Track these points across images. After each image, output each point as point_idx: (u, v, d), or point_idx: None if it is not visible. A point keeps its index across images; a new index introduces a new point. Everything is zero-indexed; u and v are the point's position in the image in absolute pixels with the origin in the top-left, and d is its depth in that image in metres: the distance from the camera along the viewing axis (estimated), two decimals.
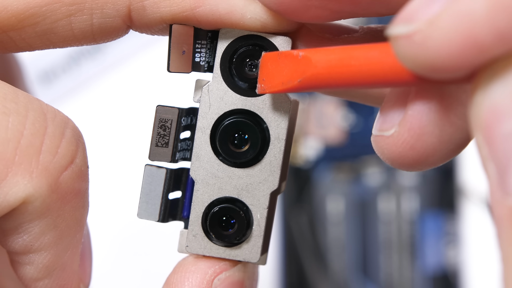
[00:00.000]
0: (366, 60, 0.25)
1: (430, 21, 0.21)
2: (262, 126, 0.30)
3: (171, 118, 0.30)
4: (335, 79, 0.26)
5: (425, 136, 0.27)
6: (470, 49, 0.21)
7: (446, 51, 0.21)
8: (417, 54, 0.22)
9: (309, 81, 0.26)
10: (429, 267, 0.77)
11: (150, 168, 0.31)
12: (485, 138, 0.21)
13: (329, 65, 0.26)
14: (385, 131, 0.28)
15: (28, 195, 0.28)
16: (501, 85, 0.21)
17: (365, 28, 0.31)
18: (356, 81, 0.25)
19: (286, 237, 0.78)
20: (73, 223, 0.30)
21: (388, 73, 0.25)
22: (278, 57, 0.28)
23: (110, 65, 0.81)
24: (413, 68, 0.22)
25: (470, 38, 0.21)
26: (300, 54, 0.27)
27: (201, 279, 0.30)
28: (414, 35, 0.22)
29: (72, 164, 0.29)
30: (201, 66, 0.31)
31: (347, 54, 0.25)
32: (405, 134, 0.27)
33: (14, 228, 0.29)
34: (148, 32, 0.31)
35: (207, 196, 0.31)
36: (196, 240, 0.31)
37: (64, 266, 0.31)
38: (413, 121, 0.27)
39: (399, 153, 0.27)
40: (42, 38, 0.30)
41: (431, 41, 0.21)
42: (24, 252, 0.30)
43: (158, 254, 0.72)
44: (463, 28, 0.21)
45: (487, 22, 0.20)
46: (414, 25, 0.22)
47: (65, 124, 0.29)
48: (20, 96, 0.29)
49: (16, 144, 0.28)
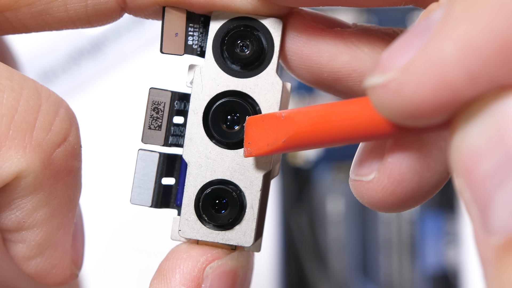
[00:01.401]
0: (346, 115, 0.25)
1: (404, 68, 0.22)
2: (255, 107, 0.30)
3: (164, 100, 0.31)
4: (319, 136, 0.26)
5: (405, 182, 0.27)
6: (444, 93, 0.21)
7: (420, 97, 0.21)
8: (393, 101, 0.22)
9: (293, 140, 0.27)
10: (429, 267, 0.77)
11: (143, 153, 0.31)
12: (466, 181, 0.21)
13: (311, 123, 0.26)
14: (364, 176, 0.28)
15: (21, 170, 0.28)
16: (476, 127, 0.21)
17: (358, 26, 0.31)
18: (339, 137, 0.26)
19: (286, 237, 0.78)
20: (66, 201, 0.31)
21: (369, 126, 0.25)
22: (262, 119, 0.29)
23: (110, 65, 0.81)
24: (390, 116, 0.22)
25: (443, 82, 0.21)
26: (283, 114, 0.27)
27: (192, 267, 0.30)
28: (389, 84, 0.22)
29: (65, 142, 0.30)
30: (194, 49, 0.31)
31: (328, 111, 0.26)
32: (385, 181, 0.27)
33: (6, 204, 0.29)
34: (141, 15, 0.31)
35: (200, 179, 0.30)
36: (189, 224, 0.31)
37: (56, 245, 0.31)
38: (393, 168, 0.27)
39: (379, 198, 0.28)
40: (38, 19, 0.30)
41: (405, 88, 0.21)
42: (16, 229, 0.30)
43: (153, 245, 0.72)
44: (435, 73, 0.21)
45: (458, 65, 0.21)
46: (389, 74, 0.22)
47: (59, 103, 0.30)
48: (15, 74, 0.29)
49: (10, 119, 0.28)
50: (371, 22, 0.76)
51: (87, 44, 0.81)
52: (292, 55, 0.31)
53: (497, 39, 0.20)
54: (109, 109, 0.80)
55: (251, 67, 0.30)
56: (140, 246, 0.77)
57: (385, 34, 0.30)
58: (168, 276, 0.30)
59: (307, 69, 0.30)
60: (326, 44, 0.30)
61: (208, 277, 0.30)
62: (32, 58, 0.78)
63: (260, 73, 0.30)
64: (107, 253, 0.76)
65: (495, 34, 0.20)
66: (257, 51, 0.30)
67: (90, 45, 0.81)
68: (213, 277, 0.30)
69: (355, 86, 0.30)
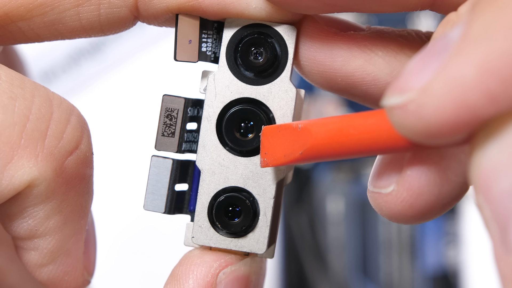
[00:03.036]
0: (364, 128, 0.25)
1: (423, 90, 0.22)
2: (268, 115, 0.30)
3: (177, 107, 0.31)
4: (336, 149, 0.26)
5: (424, 195, 0.27)
6: (464, 114, 0.21)
7: (441, 118, 0.21)
8: (412, 123, 0.22)
9: (310, 152, 0.27)
10: (429, 267, 0.77)
11: (156, 159, 0.31)
12: (486, 198, 0.21)
13: (328, 135, 0.26)
14: (383, 189, 0.28)
15: (33, 179, 0.28)
16: (496, 145, 0.21)
17: (372, 28, 0.31)
18: (357, 150, 0.26)
19: (286, 237, 0.78)
20: (78, 209, 0.31)
21: (387, 141, 0.25)
22: (278, 130, 0.29)
23: (110, 65, 0.81)
24: (410, 136, 0.22)
25: (463, 103, 0.21)
26: (299, 126, 0.27)
27: (206, 272, 0.30)
28: (408, 105, 0.22)
29: (77, 150, 0.30)
30: (208, 56, 0.31)
31: (345, 124, 0.26)
32: (404, 193, 0.27)
33: (19, 212, 0.29)
34: (155, 23, 0.31)
35: (213, 186, 0.30)
36: (202, 231, 0.31)
37: (68, 252, 0.31)
38: (412, 181, 0.27)
39: (398, 211, 0.28)
40: (51, 28, 0.30)
41: (425, 110, 0.22)
42: (29, 237, 0.30)
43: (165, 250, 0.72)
44: (455, 94, 0.21)
45: (477, 86, 0.21)
46: (407, 95, 0.22)
47: (70, 111, 0.30)
48: (27, 82, 0.29)
49: (22, 128, 0.28)
50: (371, 22, 0.77)
51: (87, 44, 0.80)
52: (305, 60, 0.30)
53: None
54: (109, 109, 0.80)
55: (265, 74, 0.30)
56: (149, 251, 0.77)
57: (399, 37, 0.30)
58: (181, 281, 0.30)
59: (321, 74, 0.30)
60: (340, 48, 0.30)
61: (221, 283, 0.30)
62: (32, 58, 0.78)
63: (274, 80, 0.30)
64: (117, 258, 0.76)
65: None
66: (271, 58, 0.30)
67: (90, 45, 0.80)
68: (226, 283, 0.30)
69: (370, 89, 0.30)
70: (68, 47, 0.80)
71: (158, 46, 0.80)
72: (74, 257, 0.31)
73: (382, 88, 0.30)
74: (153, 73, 0.80)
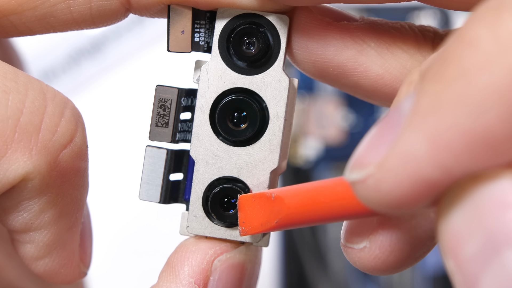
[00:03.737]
0: (334, 196, 0.26)
1: (379, 165, 0.22)
2: (261, 104, 0.30)
3: (170, 98, 0.31)
4: (309, 216, 0.27)
5: (396, 252, 0.28)
6: (420, 187, 0.21)
7: (399, 191, 0.22)
8: (373, 196, 0.22)
9: (285, 220, 0.28)
10: (429, 267, 0.77)
11: (151, 149, 0.31)
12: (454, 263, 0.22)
13: (301, 204, 0.27)
14: (355, 244, 0.29)
15: (27, 172, 0.28)
16: (457, 212, 0.22)
17: (365, 19, 0.31)
18: (328, 216, 0.27)
19: (286, 237, 0.78)
20: (73, 202, 0.31)
21: (356, 208, 0.26)
22: (253, 199, 0.29)
23: (110, 65, 0.81)
24: (373, 208, 0.23)
25: (418, 176, 0.21)
26: (273, 195, 0.28)
27: (201, 259, 0.30)
28: (367, 180, 0.22)
29: (71, 143, 0.30)
30: (201, 46, 0.31)
31: (316, 192, 0.27)
32: (377, 251, 0.28)
33: (14, 206, 0.29)
34: (146, 14, 0.31)
35: (207, 176, 0.31)
36: (197, 221, 0.31)
37: (64, 245, 0.31)
38: (384, 240, 0.28)
39: (372, 266, 0.29)
40: (42, 22, 0.30)
41: (383, 184, 0.22)
42: (24, 230, 0.30)
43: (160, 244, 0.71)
44: (409, 168, 0.21)
45: (430, 160, 0.21)
46: (366, 170, 0.22)
47: (64, 104, 0.30)
48: (20, 75, 0.29)
49: (16, 121, 0.28)
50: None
51: (87, 44, 0.81)
52: (297, 49, 0.30)
53: (465, 134, 0.21)
54: (109, 109, 0.80)
55: (258, 64, 0.30)
56: (145, 244, 0.77)
57: (392, 29, 0.30)
58: (176, 268, 0.30)
59: (313, 63, 0.30)
60: (332, 38, 0.30)
61: (216, 270, 0.30)
62: (32, 58, 0.78)
63: (266, 70, 0.30)
64: (111, 251, 0.76)
65: (462, 130, 0.21)
66: (263, 48, 0.30)
67: (90, 45, 0.81)
68: (222, 270, 0.30)
69: (361, 80, 0.30)
70: (68, 47, 0.80)
71: (158, 46, 0.81)
72: (70, 249, 0.32)
73: (373, 79, 0.30)
74: (153, 73, 0.80)
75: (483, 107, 0.20)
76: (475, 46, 0.21)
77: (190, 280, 0.30)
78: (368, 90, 0.31)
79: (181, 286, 0.30)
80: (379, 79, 0.30)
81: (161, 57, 0.80)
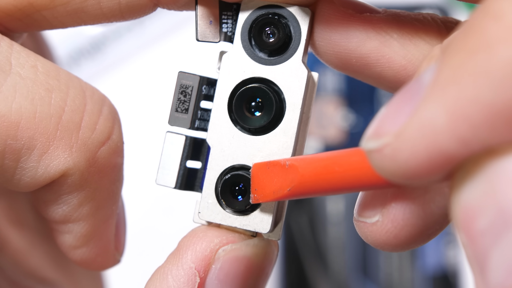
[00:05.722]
0: (349, 166, 0.26)
1: (397, 134, 0.22)
2: (279, 95, 0.31)
3: (191, 84, 0.31)
4: (322, 186, 0.27)
5: (409, 227, 0.28)
6: (437, 158, 0.21)
7: (415, 162, 0.22)
8: (389, 166, 0.22)
9: (298, 189, 0.28)
10: (429, 267, 0.77)
11: (170, 135, 0.32)
12: (466, 236, 0.22)
13: (315, 173, 0.27)
14: (368, 218, 0.29)
15: (67, 168, 0.30)
16: (471, 185, 0.22)
17: (388, 11, 0.31)
18: (342, 186, 0.26)
19: (286, 237, 0.78)
20: (110, 196, 0.32)
21: (370, 178, 0.26)
22: (267, 166, 0.29)
23: (110, 65, 0.81)
24: (388, 178, 0.23)
25: (436, 148, 0.21)
26: (287, 163, 0.28)
27: (205, 246, 0.30)
28: (384, 149, 0.22)
29: (109, 140, 0.31)
30: (228, 36, 0.31)
31: (331, 161, 0.27)
32: (389, 225, 0.28)
33: (54, 199, 0.31)
34: (174, 7, 0.32)
35: (221, 163, 0.31)
36: (209, 207, 0.31)
37: (100, 236, 0.32)
38: (397, 214, 0.28)
39: (383, 241, 0.29)
40: (73, 16, 0.31)
41: (400, 154, 0.22)
42: (63, 221, 0.32)
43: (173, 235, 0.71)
44: (427, 139, 0.21)
45: (448, 131, 0.21)
46: (383, 139, 0.22)
47: (102, 101, 0.31)
48: (62, 73, 0.30)
49: (58, 119, 0.29)
50: None
51: (87, 44, 0.81)
52: (320, 40, 0.31)
53: (485, 108, 0.21)
54: None
55: (278, 55, 0.31)
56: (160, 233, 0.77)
57: (415, 20, 0.31)
58: (181, 252, 0.31)
59: (336, 54, 0.31)
60: (355, 29, 0.30)
61: (219, 259, 0.30)
62: None
63: (286, 61, 0.31)
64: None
65: (483, 103, 0.21)
66: (283, 38, 0.30)
67: (90, 45, 0.81)
68: (225, 260, 0.30)
69: (384, 71, 0.31)
70: (68, 47, 0.80)
71: (158, 46, 0.81)
72: (106, 239, 0.33)
73: (396, 70, 0.31)
74: (153, 73, 0.80)
75: (505, 81, 0.20)
76: (500, 18, 0.20)
77: (191, 265, 0.30)
78: (391, 81, 0.31)
79: (181, 270, 0.30)
80: (402, 70, 0.30)
81: (161, 57, 0.80)
